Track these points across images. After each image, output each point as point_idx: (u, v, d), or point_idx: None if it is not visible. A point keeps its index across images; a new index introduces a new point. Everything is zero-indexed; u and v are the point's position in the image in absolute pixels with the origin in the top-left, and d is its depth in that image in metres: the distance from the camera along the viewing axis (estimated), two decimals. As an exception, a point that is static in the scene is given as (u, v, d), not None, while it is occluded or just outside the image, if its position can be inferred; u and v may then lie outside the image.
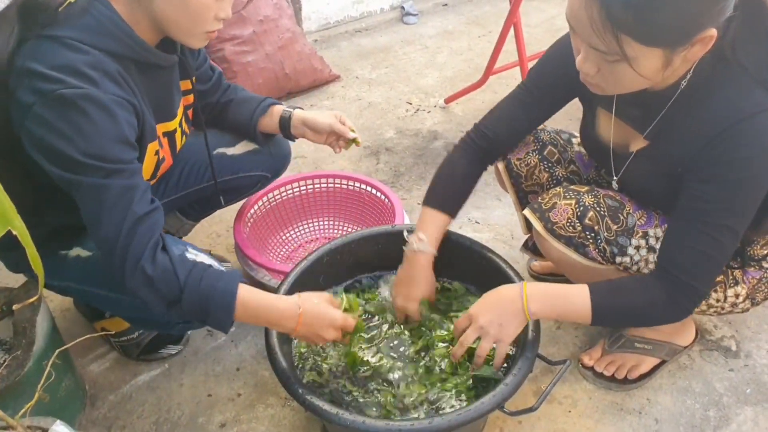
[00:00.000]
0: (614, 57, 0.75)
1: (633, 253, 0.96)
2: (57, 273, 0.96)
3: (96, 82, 0.76)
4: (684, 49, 0.75)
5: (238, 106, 1.17)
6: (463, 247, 1.11)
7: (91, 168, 0.76)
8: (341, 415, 0.82)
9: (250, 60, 1.97)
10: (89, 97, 0.75)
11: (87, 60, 0.76)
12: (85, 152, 0.76)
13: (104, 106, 0.76)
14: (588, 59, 0.80)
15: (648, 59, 0.75)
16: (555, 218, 0.97)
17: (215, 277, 0.83)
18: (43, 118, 0.75)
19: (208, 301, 0.82)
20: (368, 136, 1.92)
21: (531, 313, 0.88)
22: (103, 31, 0.79)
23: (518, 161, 1.12)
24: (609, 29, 0.73)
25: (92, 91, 0.75)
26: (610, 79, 0.80)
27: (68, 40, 0.76)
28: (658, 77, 0.79)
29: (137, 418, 1.09)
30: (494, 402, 0.84)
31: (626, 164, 0.97)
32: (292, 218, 1.46)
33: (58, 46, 0.76)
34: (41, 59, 0.75)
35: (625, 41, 0.73)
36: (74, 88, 0.74)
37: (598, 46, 0.75)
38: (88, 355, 1.20)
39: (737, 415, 1.09)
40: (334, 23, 2.61)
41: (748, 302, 1.00)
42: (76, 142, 0.75)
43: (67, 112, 0.74)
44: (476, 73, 2.08)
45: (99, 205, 0.78)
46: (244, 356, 1.20)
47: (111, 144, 0.78)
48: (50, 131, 0.75)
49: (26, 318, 0.92)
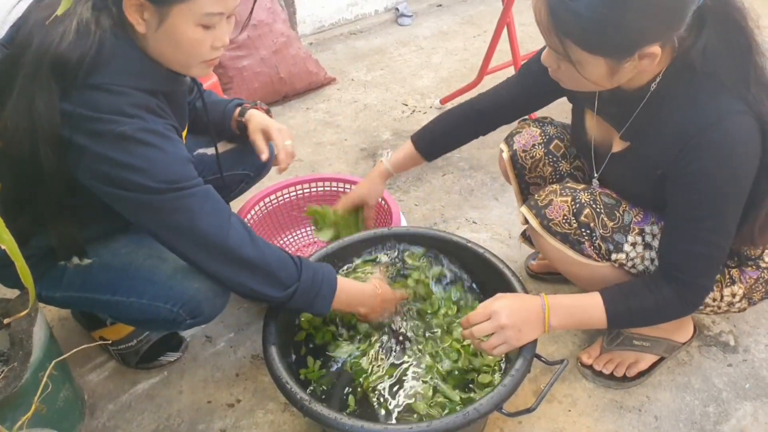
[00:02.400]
0: (563, 57, 0.79)
1: (629, 249, 0.96)
2: (58, 285, 0.97)
3: (144, 118, 0.81)
4: (629, 61, 0.77)
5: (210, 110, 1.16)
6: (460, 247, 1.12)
7: (168, 191, 0.81)
8: (340, 419, 0.82)
9: (245, 65, 1.97)
10: (146, 129, 0.80)
11: (129, 101, 0.80)
12: (159, 179, 0.80)
13: (161, 133, 0.81)
14: (549, 55, 0.84)
15: (592, 65, 0.78)
16: (551, 215, 0.97)
17: (316, 264, 0.96)
18: (108, 157, 0.79)
19: (321, 284, 0.93)
20: (364, 138, 1.92)
21: (551, 327, 0.91)
22: (138, 72, 0.83)
23: (524, 153, 1.13)
24: (554, 32, 0.76)
25: (144, 124, 0.80)
26: (566, 76, 0.84)
27: (108, 85, 0.79)
28: (606, 83, 0.82)
29: (137, 426, 1.09)
30: (492, 403, 0.84)
31: (605, 163, 0.99)
32: (288, 222, 1.46)
33: (100, 92, 0.79)
34: (89, 105, 0.78)
35: (568, 45, 0.76)
36: (128, 124, 0.78)
37: (550, 44, 0.79)
38: (87, 365, 1.20)
39: (737, 410, 1.09)
40: (328, 26, 2.61)
41: (745, 302, 1.00)
42: (148, 172, 0.79)
43: (131, 147, 0.79)
44: (471, 73, 2.08)
45: (189, 213, 0.83)
46: (243, 362, 1.20)
47: (179, 165, 0.83)
48: (119, 168, 0.79)
49: (23, 329, 0.92)
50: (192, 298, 0.94)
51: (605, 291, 0.92)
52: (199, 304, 0.95)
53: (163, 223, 0.84)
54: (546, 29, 0.77)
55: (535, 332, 0.90)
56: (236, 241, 0.86)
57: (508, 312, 0.89)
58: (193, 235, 0.84)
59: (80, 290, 0.97)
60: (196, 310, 0.95)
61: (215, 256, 0.86)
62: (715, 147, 0.80)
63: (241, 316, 1.29)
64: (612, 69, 0.78)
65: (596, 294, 0.92)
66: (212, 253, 0.86)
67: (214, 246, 0.85)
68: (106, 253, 0.97)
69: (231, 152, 1.21)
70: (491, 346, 0.90)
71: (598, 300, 0.91)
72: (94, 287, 0.96)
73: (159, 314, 0.94)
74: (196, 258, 0.87)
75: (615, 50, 0.76)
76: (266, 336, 0.95)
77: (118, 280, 0.95)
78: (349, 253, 1.14)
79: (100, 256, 0.96)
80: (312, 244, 1.47)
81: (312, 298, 0.93)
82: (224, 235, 0.85)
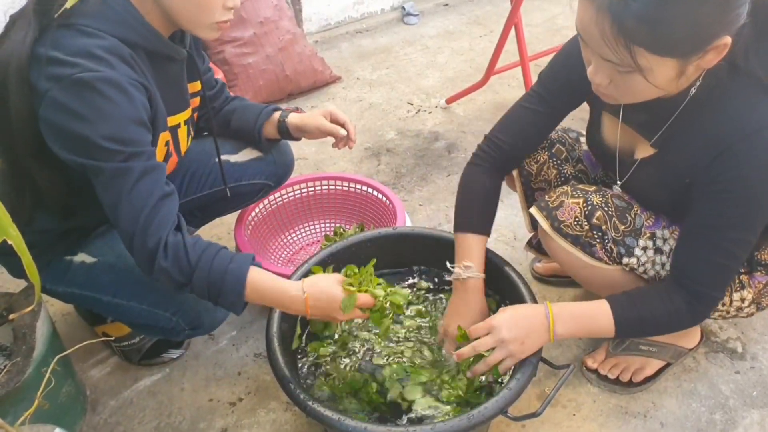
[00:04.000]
0: (627, 68, 0.74)
1: (640, 254, 0.95)
2: (62, 279, 0.96)
3: (111, 64, 0.77)
4: (698, 58, 0.74)
5: (242, 112, 1.17)
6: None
7: (111, 152, 0.77)
8: (343, 420, 0.81)
9: (251, 62, 1.96)
10: (106, 79, 0.76)
11: (102, 44, 0.77)
12: (104, 135, 0.76)
13: (121, 87, 0.77)
14: (599, 71, 0.79)
15: (661, 69, 0.74)
16: (562, 216, 0.96)
17: (227, 258, 0.84)
18: (60, 102, 0.76)
19: (221, 282, 0.83)
20: (369, 138, 1.91)
21: (557, 335, 0.89)
22: (118, 19, 0.80)
23: (528, 159, 1.12)
24: (621, 42, 0.72)
25: (109, 73, 0.76)
26: (622, 89, 0.79)
27: (84, 27, 0.77)
28: (671, 86, 0.78)
29: (138, 423, 1.08)
30: (498, 407, 0.83)
31: (631, 170, 0.96)
32: (293, 221, 1.46)
33: (74, 32, 0.77)
34: (58, 46, 0.77)
35: (638, 53, 0.72)
36: (91, 71, 0.75)
37: (610, 57, 0.74)
38: (89, 360, 1.19)
39: (744, 418, 1.08)
40: (334, 24, 2.60)
41: (754, 307, 0.99)
42: (95, 124, 0.76)
43: (85, 95, 0.75)
44: (477, 74, 2.07)
45: (120, 189, 0.79)
46: (245, 360, 1.20)
47: (130, 125, 0.78)
48: (68, 115, 0.76)
49: (26, 323, 0.92)
50: (192, 309, 0.94)
51: (612, 299, 0.91)
52: (198, 315, 0.94)
53: (97, 182, 0.80)
54: (612, 43, 0.72)
55: (540, 341, 0.89)
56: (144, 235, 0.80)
57: (508, 325, 0.88)
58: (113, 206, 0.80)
59: (82, 288, 0.97)
60: (196, 321, 0.95)
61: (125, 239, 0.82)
62: (755, 156, 0.77)
63: (244, 314, 1.28)
64: (680, 70, 0.75)
65: (603, 302, 0.90)
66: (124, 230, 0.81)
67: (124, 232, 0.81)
68: (110, 254, 0.96)
69: (255, 161, 1.20)
70: (494, 360, 0.88)
71: (606, 308, 0.89)
72: (96, 287, 0.96)
73: (158, 321, 0.94)
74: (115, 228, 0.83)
75: (687, 47, 0.72)
76: (269, 335, 0.94)
77: (121, 282, 0.94)
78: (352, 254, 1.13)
79: (104, 256, 0.96)
80: (315, 243, 1.46)
81: (215, 299, 0.85)
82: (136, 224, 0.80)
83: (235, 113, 1.17)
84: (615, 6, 0.70)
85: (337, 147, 1.17)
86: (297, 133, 1.17)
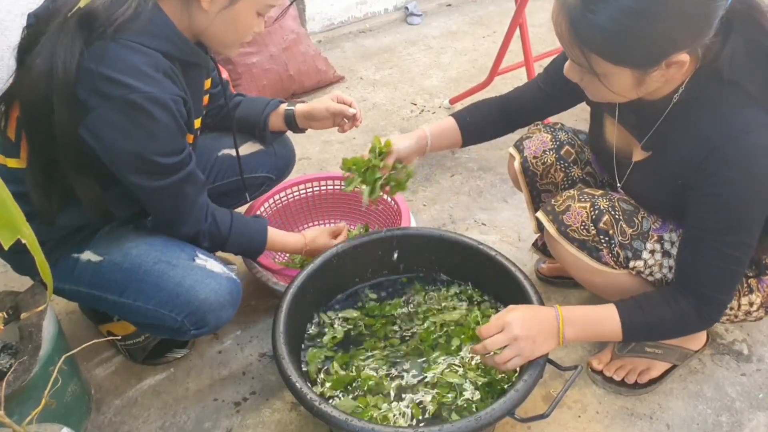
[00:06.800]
0: (588, 70, 0.77)
1: (647, 257, 0.95)
2: (69, 277, 0.97)
3: (158, 81, 0.82)
4: (656, 70, 0.75)
5: (248, 104, 1.20)
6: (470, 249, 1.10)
7: (160, 165, 0.85)
8: (350, 421, 0.81)
9: (255, 61, 1.96)
10: (154, 100, 0.81)
11: (149, 61, 0.81)
12: (153, 151, 0.84)
13: (167, 106, 0.83)
14: (572, 67, 0.82)
15: (617, 77, 0.77)
16: (569, 221, 0.96)
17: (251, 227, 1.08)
18: (110, 121, 0.81)
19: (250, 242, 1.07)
20: (372, 137, 1.90)
21: (566, 339, 0.89)
22: (161, 34, 0.84)
23: (534, 159, 1.11)
24: (576, 45, 0.75)
25: (155, 93, 0.81)
26: (590, 89, 0.83)
27: (131, 42, 0.80)
28: (632, 93, 0.80)
29: (143, 422, 1.08)
30: (505, 408, 0.83)
31: (628, 173, 0.97)
32: (297, 221, 1.45)
33: (122, 48, 0.80)
34: (108, 62, 0.79)
35: (592, 58, 0.75)
36: (140, 92, 0.79)
37: (572, 57, 0.78)
38: (93, 359, 1.19)
39: (750, 420, 1.07)
40: (338, 24, 2.60)
41: (762, 311, 0.99)
42: (144, 142, 0.83)
43: (134, 115, 0.80)
44: (481, 74, 2.07)
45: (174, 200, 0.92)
46: (250, 360, 1.19)
47: (174, 139, 0.86)
48: (119, 133, 0.82)
49: (32, 322, 0.91)
50: (197, 309, 0.94)
51: (620, 303, 0.91)
52: (204, 316, 0.95)
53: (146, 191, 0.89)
54: (568, 43, 0.76)
55: (550, 344, 0.89)
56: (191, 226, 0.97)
57: (521, 324, 0.88)
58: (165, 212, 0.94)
59: (89, 286, 0.97)
60: (201, 321, 0.95)
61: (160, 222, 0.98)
62: (741, 159, 0.78)
63: (249, 314, 1.28)
64: (638, 79, 0.77)
65: (611, 306, 0.90)
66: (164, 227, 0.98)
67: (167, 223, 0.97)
68: (116, 252, 0.96)
69: (256, 154, 1.22)
70: (504, 359, 0.88)
71: (614, 312, 0.90)
72: (103, 286, 0.96)
73: (163, 321, 0.94)
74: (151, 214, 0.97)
75: (641, 60, 0.74)
76: (275, 334, 0.94)
77: (127, 281, 0.94)
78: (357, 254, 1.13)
79: (110, 255, 0.96)
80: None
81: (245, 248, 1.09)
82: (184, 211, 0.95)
83: (240, 105, 1.19)
84: (573, 11, 0.73)
85: (343, 130, 1.19)
86: (304, 122, 1.19)
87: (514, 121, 1.16)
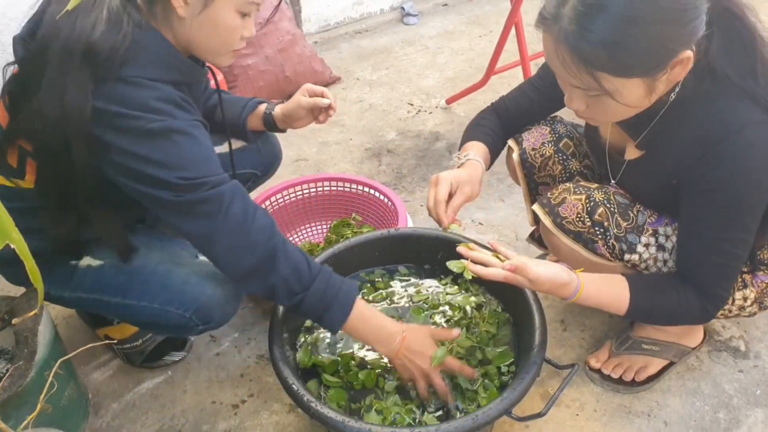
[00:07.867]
0: (596, 92, 0.77)
1: (642, 250, 0.95)
2: (67, 284, 0.96)
3: (172, 113, 0.80)
4: (664, 74, 0.76)
5: (227, 107, 1.16)
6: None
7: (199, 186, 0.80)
8: (347, 423, 0.81)
9: (251, 63, 1.96)
10: (172, 128, 0.79)
11: (158, 95, 0.80)
12: (184, 177, 0.80)
13: (186, 132, 0.81)
14: (574, 97, 0.82)
15: (629, 89, 0.77)
16: (564, 213, 0.96)
17: (337, 279, 0.89)
18: (132, 152, 0.79)
19: (333, 298, 0.87)
20: (370, 138, 1.91)
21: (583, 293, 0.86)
22: (162, 63, 0.83)
23: (533, 151, 1.12)
24: (583, 69, 0.74)
25: (171, 122, 0.80)
26: (599, 111, 0.82)
27: (136, 78, 0.79)
28: (644, 102, 0.80)
29: (141, 426, 1.08)
30: (502, 407, 0.83)
31: (622, 170, 0.98)
32: (294, 222, 1.45)
33: (130, 86, 0.79)
34: (118, 101, 0.78)
35: (602, 77, 0.74)
36: (157, 121, 0.78)
37: (577, 84, 0.77)
38: (91, 363, 1.19)
39: (747, 416, 1.07)
40: (334, 25, 2.60)
41: (756, 306, 0.99)
42: (170, 168, 0.79)
43: (158, 142, 0.79)
44: (477, 74, 2.07)
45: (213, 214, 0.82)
46: (248, 362, 1.19)
47: (201, 164, 0.82)
48: (144, 162, 0.79)
49: (28, 327, 0.91)
50: (204, 305, 0.94)
51: (632, 278, 0.91)
52: (210, 311, 0.95)
53: (184, 220, 0.83)
54: (574, 71, 0.75)
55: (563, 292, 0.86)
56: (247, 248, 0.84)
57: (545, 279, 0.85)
58: (208, 237, 0.83)
59: (90, 291, 0.97)
60: (207, 316, 0.95)
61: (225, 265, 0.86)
62: (737, 156, 0.78)
63: (246, 316, 1.28)
64: (649, 87, 0.77)
65: (623, 281, 0.90)
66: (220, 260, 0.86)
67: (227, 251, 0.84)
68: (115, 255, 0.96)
69: (240, 151, 1.20)
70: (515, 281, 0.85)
71: (625, 284, 0.90)
72: (105, 289, 0.96)
73: (170, 319, 0.94)
74: (209, 256, 0.87)
75: (648, 66, 0.74)
76: (272, 337, 0.94)
77: (130, 283, 0.94)
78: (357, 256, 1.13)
79: (111, 258, 0.95)
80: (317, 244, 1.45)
81: (321, 313, 0.88)
82: (241, 239, 0.83)
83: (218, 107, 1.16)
84: (571, 36, 0.73)
85: (320, 121, 1.15)
86: (283, 123, 1.17)
87: (515, 132, 1.15)
